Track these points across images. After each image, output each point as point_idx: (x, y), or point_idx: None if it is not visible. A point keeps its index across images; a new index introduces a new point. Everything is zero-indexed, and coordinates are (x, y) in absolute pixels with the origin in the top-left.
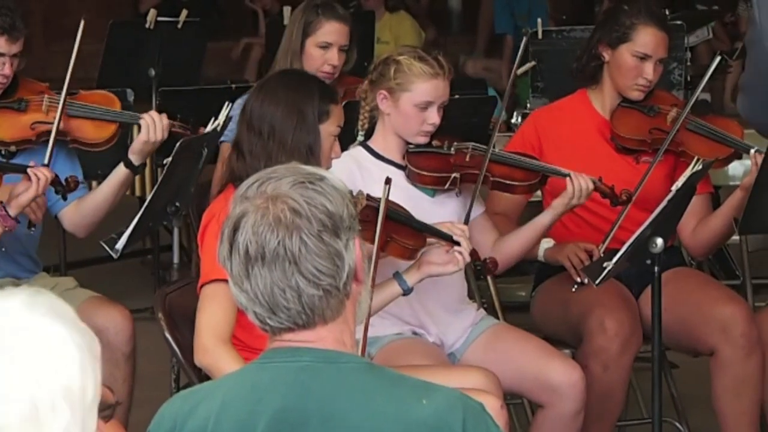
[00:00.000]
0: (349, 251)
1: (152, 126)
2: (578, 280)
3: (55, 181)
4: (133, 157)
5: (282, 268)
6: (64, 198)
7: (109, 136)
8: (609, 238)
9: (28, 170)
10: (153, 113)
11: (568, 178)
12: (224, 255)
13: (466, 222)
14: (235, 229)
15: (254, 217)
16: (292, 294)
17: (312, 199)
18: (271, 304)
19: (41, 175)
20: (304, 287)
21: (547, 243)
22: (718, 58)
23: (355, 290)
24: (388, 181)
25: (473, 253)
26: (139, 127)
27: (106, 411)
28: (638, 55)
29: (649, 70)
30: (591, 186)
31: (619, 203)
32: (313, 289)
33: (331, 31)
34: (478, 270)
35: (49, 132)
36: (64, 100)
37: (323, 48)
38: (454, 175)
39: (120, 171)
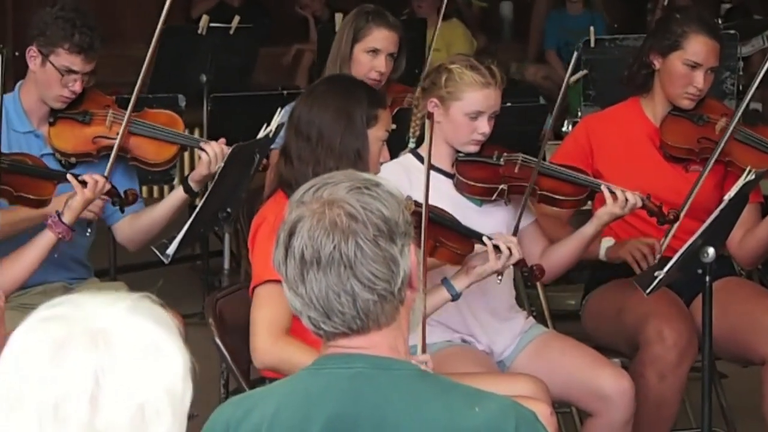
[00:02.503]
0: (404, 257)
1: (214, 160)
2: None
3: (112, 193)
4: (193, 184)
5: (337, 273)
6: (122, 210)
7: (169, 157)
8: (669, 235)
9: (84, 176)
10: (215, 145)
11: (615, 190)
12: (279, 259)
13: (515, 233)
14: (291, 234)
15: (310, 222)
16: (347, 298)
17: (368, 204)
18: (326, 308)
19: (99, 178)
20: (359, 291)
21: (608, 242)
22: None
23: (409, 297)
24: (430, 116)
25: (520, 261)
26: (196, 149)
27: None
28: (689, 63)
29: (699, 79)
30: (639, 203)
31: (666, 222)
32: (368, 294)
33: (380, 38)
34: (525, 277)
35: (110, 147)
36: (128, 119)
37: (371, 54)
38: (501, 186)
39: (178, 194)
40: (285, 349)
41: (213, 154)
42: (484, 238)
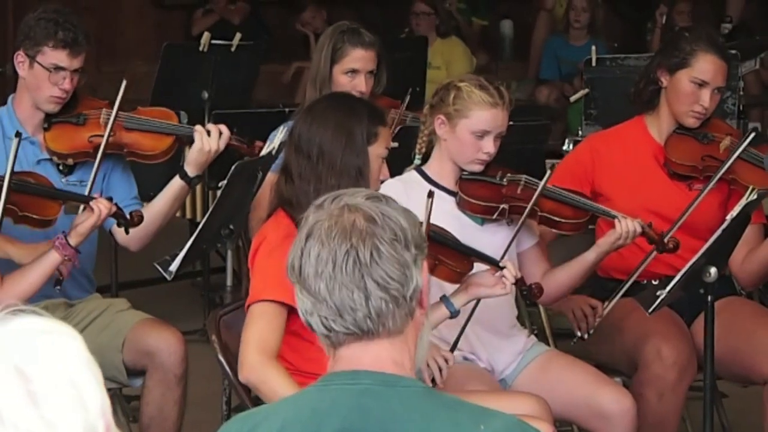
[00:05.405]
0: (418, 268)
1: (205, 134)
2: (578, 333)
3: (118, 215)
4: (189, 168)
5: (352, 271)
6: (127, 232)
7: (165, 148)
8: (618, 295)
9: (91, 202)
10: (208, 126)
11: (615, 220)
12: (294, 257)
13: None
14: (309, 235)
15: (329, 223)
16: (359, 295)
17: (387, 212)
18: (338, 305)
19: (103, 207)
20: (372, 290)
21: None
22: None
23: (418, 315)
24: (430, 194)
25: (520, 280)
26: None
27: None
28: (696, 81)
29: (705, 98)
30: (639, 230)
31: (665, 251)
32: (381, 293)
33: (358, 58)
34: (524, 295)
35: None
36: (116, 112)
37: (350, 75)
38: (503, 206)
39: (175, 183)
40: (270, 372)
41: (202, 128)
42: (501, 263)
